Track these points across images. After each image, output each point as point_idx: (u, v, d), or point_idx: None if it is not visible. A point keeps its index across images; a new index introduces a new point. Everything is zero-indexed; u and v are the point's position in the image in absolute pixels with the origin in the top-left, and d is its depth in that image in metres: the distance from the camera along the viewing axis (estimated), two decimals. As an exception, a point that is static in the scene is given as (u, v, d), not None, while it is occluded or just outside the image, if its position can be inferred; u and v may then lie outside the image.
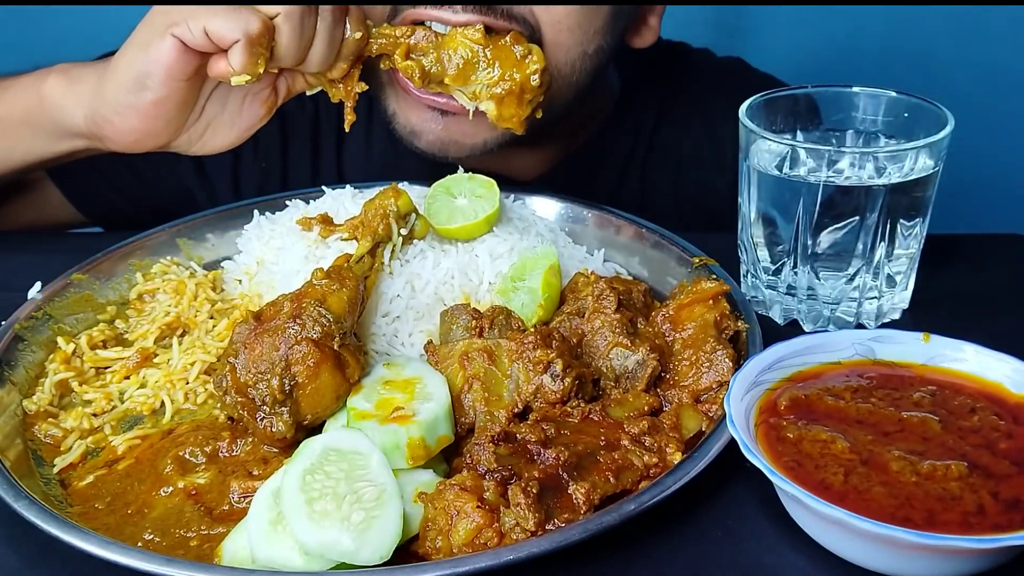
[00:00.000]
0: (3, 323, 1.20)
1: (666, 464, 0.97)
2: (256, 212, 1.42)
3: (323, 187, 1.43)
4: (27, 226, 1.70)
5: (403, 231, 1.23)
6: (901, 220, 1.20)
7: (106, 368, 1.20)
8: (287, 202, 1.43)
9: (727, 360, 1.07)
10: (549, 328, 1.10)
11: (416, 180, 1.40)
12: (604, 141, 1.72)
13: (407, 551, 0.90)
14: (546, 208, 1.46)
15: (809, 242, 1.20)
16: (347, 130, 1.33)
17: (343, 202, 1.35)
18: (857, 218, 1.17)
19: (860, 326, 1.25)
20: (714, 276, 1.23)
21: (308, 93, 1.34)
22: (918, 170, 1.18)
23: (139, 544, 0.93)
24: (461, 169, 1.37)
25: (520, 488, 0.88)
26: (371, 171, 1.69)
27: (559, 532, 0.86)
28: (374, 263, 1.19)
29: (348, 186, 1.42)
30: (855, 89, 1.28)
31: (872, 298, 1.24)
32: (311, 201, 1.40)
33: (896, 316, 1.28)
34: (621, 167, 1.74)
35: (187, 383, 1.17)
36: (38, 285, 1.27)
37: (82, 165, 1.49)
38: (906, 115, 1.26)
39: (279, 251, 1.31)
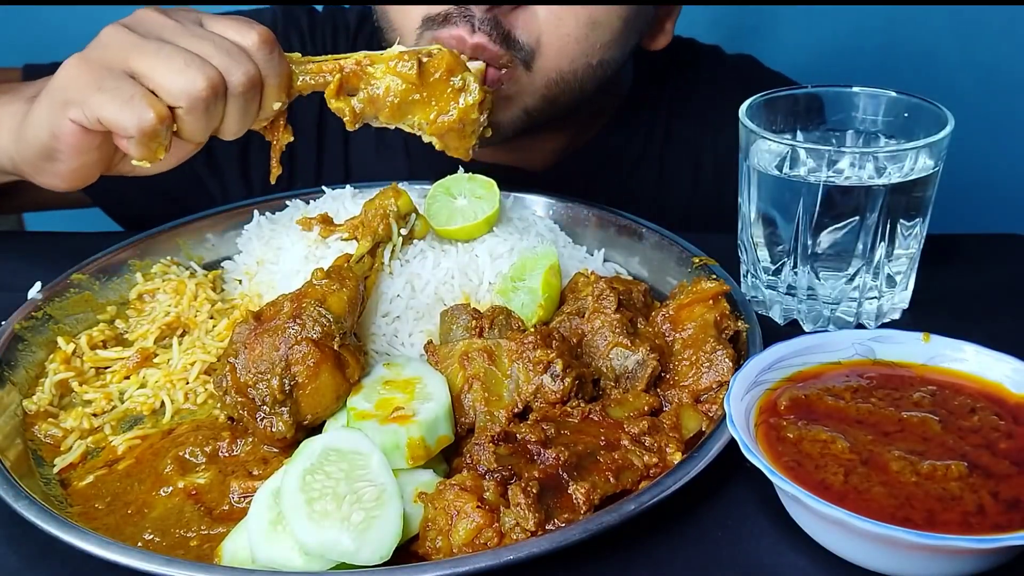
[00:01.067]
0: (3, 323, 1.20)
1: (666, 464, 0.97)
2: (256, 212, 1.43)
3: (323, 187, 1.43)
4: (35, 206, 1.68)
5: (403, 231, 1.23)
6: (901, 220, 1.20)
7: (106, 368, 1.20)
8: (287, 202, 1.43)
9: (727, 360, 1.07)
10: (549, 328, 1.10)
11: (416, 180, 1.40)
12: (616, 135, 1.72)
13: (407, 551, 0.90)
14: (546, 208, 1.46)
15: (809, 242, 1.20)
16: (272, 183, 1.26)
17: (343, 202, 1.35)
18: (857, 218, 1.17)
19: (860, 326, 1.25)
20: (714, 276, 1.23)
21: None
22: (918, 170, 1.18)
23: (139, 544, 0.93)
24: (462, 169, 1.37)
25: (520, 488, 0.88)
26: (377, 160, 1.69)
27: (559, 532, 0.86)
28: (374, 263, 1.19)
29: (348, 186, 1.43)
30: (855, 89, 1.28)
31: (872, 298, 1.24)
32: (311, 201, 1.40)
33: (896, 316, 1.28)
34: (635, 161, 1.74)
35: (187, 383, 1.17)
36: (38, 285, 1.27)
37: None
38: (906, 115, 1.26)
39: (279, 251, 1.31)
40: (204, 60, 1.09)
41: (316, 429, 1.03)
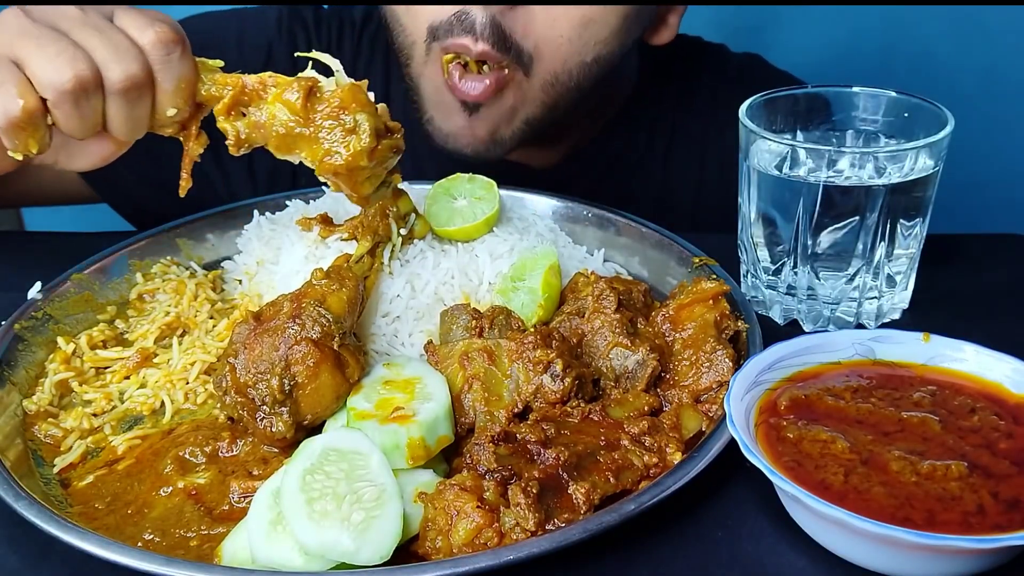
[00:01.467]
0: (3, 323, 1.20)
1: (666, 464, 0.97)
2: (256, 212, 1.42)
3: (323, 187, 1.43)
4: (38, 196, 1.65)
5: (403, 231, 1.23)
6: (901, 220, 1.19)
7: (106, 368, 1.20)
8: (287, 202, 1.43)
9: (727, 360, 1.07)
10: (549, 328, 1.10)
11: (416, 180, 1.40)
12: (621, 131, 1.72)
13: (407, 551, 0.90)
14: (546, 208, 1.46)
15: (809, 242, 1.20)
16: (182, 195, 1.21)
17: (343, 202, 1.35)
18: (857, 218, 1.17)
19: (860, 326, 1.25)
20: (714, 276, 1.23)
21: None
22: (918, 170, 1.18)
23: (139, 544, 0.93)
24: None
25: (520, 488, 0.88)
26: None
27: (559, 532, 0.86)
28: (374, 263, 1.19)
29: (348, 186, 1.42)
30: (855, 89, 1.28)
31: (872, 298, 1.24)
32: (311, 201, 1.40)
33: (896, 316, 1.28)
34: (640, 158, 1.74)
35: (187, 383, 1.17)
36: (38, 285, 1.27)
37: None
38: (906, 115, 1.26)
39: (279, 251, 1.31)
40: (82, 52, 1.04)
41: (316, 429, 1.03)
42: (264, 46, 1.71)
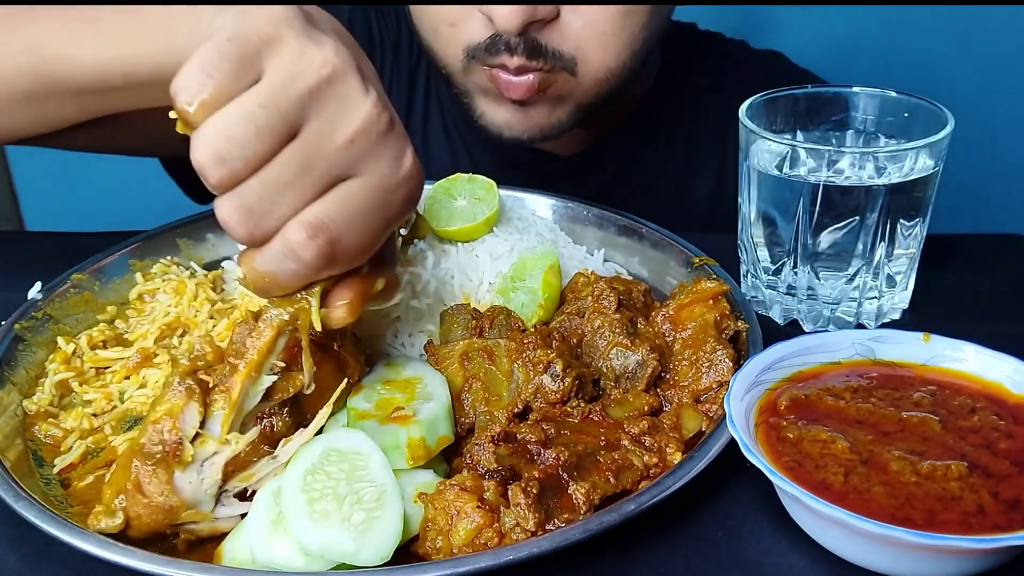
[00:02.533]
0: (3, 323, 1.20)
1: (666, 464, 0.97)
2: (256, 212, 1.42)
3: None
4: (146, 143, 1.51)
5: (403, 231, 1.23)
6: (901, 220, 1.20)
7: (106, 368, 1.20)
8: (287, 202, 1.43)
9: (727, 360, 1.07)
10: (549, 328, 1.10)
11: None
12: (642, 122, 1.73)
13: (407, 551, 0.90)
14: (546, 208, 1.46)
15: (809, 242, 1.20)
16: None
17: (343, 202, 1.35)
18: (857, 218, 1.17)
19: (860, 326, 1.25)
20: (714, 276, 1.23)
21: None
22: (918, 170, 1.18)
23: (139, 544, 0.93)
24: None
25: (520, 488, 0.88)
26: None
27: (559, 532, 0.86)
28: (374, 263, 1.19)
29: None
30: (855, 89, 1.28)
31: (872, 298, 1.24)
32: (311, 201, 1.40)
33: (896, 316, 1.28)
34: (661, 150, 1.74)
35: (187, 383, 1.17)
36: (38, 285, 1.27)
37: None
38: (906, 115, 1.26)
39: (279, 251, 1.31)
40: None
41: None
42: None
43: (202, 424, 0.90)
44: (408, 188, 0.89)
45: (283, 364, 0.95)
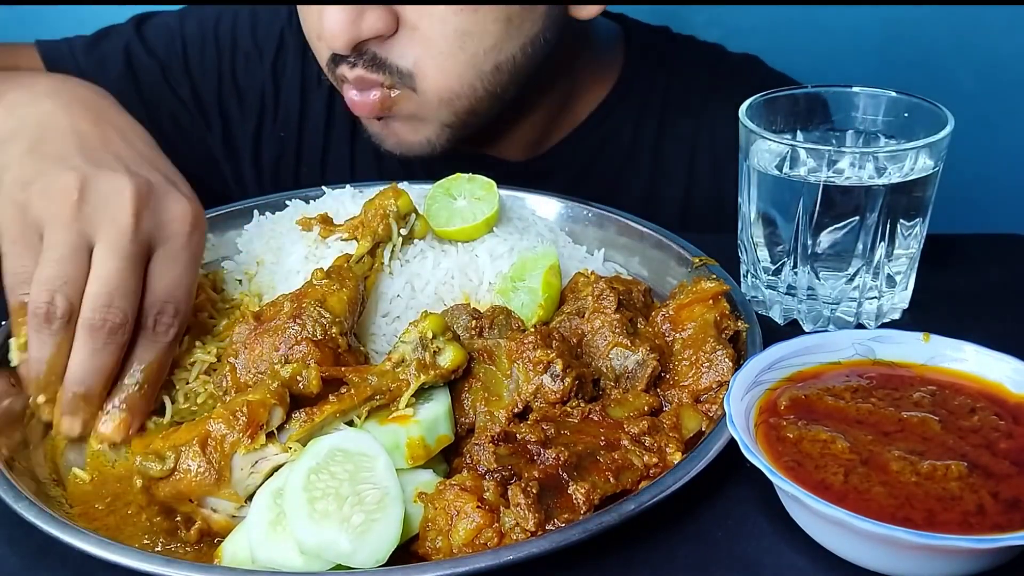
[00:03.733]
0: (3, 323, 1.20)
1: (666, 464, 0.97)
2: (256, 212, 1.42)
3: (323, 187, 1.43)
4: None
5: (403, 231, 1.23)
6: (901, 220, 1.20)
7: (106, 368, 1.20)
8: (287, 202, 1.43)
9: (727, 360, 1.07)
10: (549, 328, 1.10)
11: (416, 180, 1.40)
12: (604, 123, 1.70)
13: (407, 551, 0.90)
14: (546, 208, 1.46)
15: (809, 242, 1.20)
16: None
17: (343, 202, 1.35)
18: (857, 218, 1.17)
19: (860, 326, 1.25)
20: (714, 276, 1.23)
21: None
22: (918, 170, 1.18)
23: (139, 544, 0.93)
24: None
25: (520, 488, 0.88)
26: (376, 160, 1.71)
27: (559, 532, 0.86)
28: (374, 263, 1.19)
29: (348, 186, 1.42)
30: (855, 89, 1.28)
31: (872, 298, 1.24)
32: (311, 201, 1.40)
33: (896, 316, 1.28)
34: (626, 152, 1.72)
35: (187, 383, 1.16)
36: (38, 285, 1.27)
37: None
38: (906, 115, 1.26)
39: (279, 251, 1.31)
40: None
41: (316, 429, 1.03)
42: (276, 35, 1.73)
43: (278, 429, 0.95)
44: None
45: None
